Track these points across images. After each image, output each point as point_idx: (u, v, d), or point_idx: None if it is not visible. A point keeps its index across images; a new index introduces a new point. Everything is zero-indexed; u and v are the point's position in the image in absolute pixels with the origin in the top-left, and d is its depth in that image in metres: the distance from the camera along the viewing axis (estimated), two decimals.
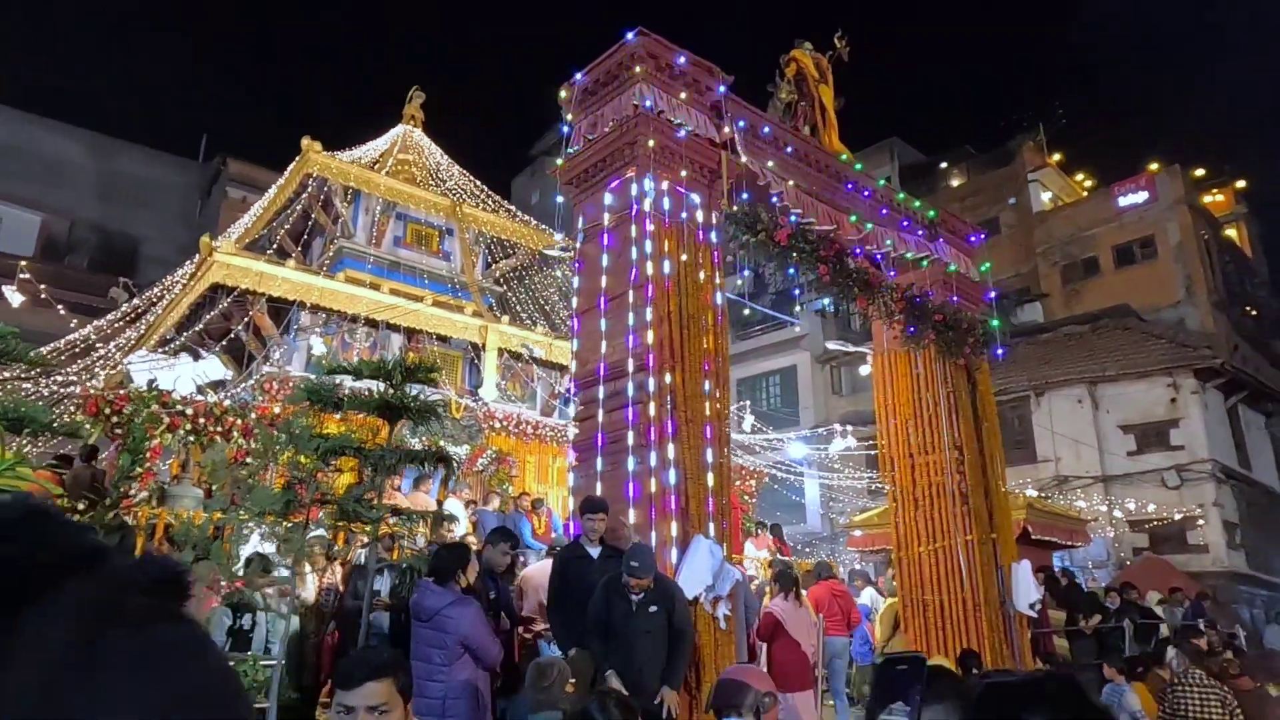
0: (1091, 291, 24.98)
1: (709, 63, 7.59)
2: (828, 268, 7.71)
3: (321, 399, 4.62)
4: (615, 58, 7.25)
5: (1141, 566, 16.70)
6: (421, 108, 18.34)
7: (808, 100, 9.22)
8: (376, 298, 12.61)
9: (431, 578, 4.32)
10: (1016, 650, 8.94)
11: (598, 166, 7.25)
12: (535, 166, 38.43)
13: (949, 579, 9.00)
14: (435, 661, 4.12)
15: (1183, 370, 18.30)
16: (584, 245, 7.26)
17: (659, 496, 6.12)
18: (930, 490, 9.34)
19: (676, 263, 6.78)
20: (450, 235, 16.59)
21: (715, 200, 7.30)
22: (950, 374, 9.63)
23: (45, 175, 27.64)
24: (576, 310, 7.20)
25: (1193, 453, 18.08)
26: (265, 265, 12.15)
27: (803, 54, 9.34)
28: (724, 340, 7.04)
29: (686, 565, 5.99)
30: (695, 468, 6.36)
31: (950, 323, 9.24)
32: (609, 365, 6.62)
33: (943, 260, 9.73)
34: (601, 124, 7.31)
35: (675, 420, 6.36)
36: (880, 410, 9.91)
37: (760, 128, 7.98)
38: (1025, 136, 29.83)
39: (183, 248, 29.74)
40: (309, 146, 14.20)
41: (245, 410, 9.62)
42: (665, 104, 7.14)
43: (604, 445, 6.46)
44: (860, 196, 8.97)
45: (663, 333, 6.50)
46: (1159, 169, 25.48)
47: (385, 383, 4.88)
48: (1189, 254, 23.67)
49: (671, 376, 6.45)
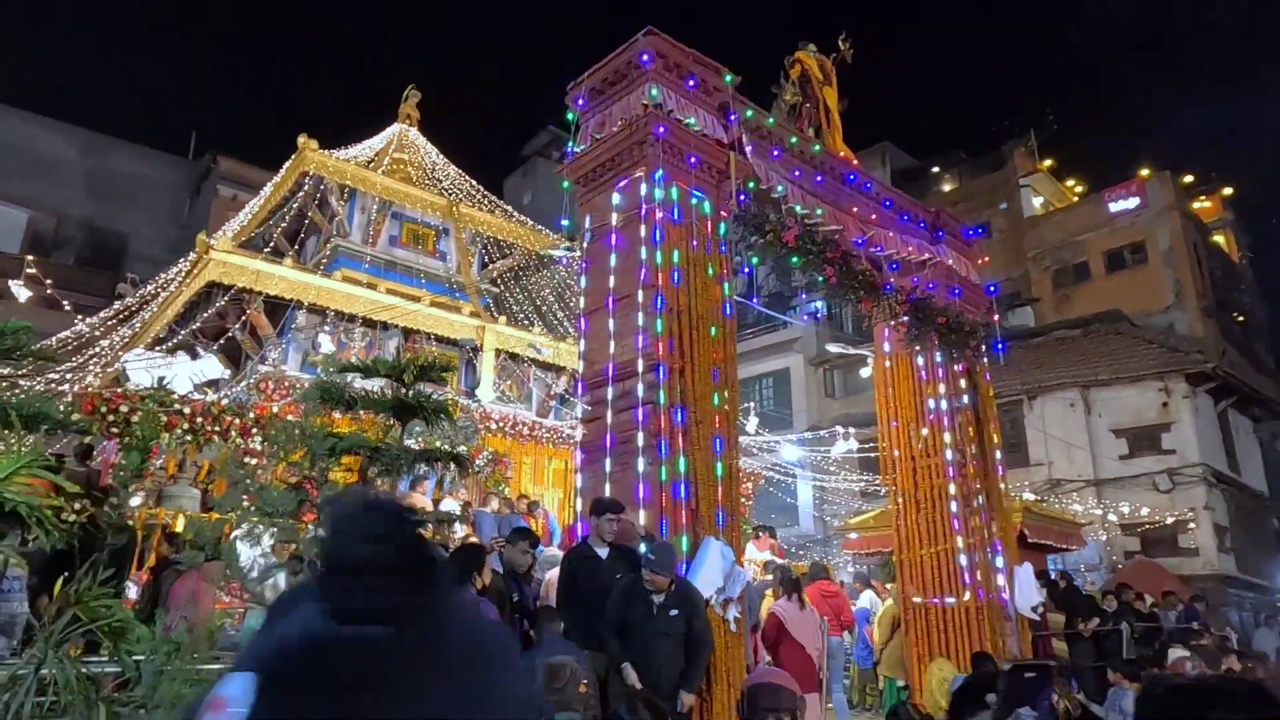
0: (1082, 296, 25.14)
1: (716, 63, 7.56)
2: (834, 269, 7.71)
3: (333, 398, 4.55)
4: (624, 57, 7.21)
5: (1133, 569, 16.79)
6: (417, 107, 18.26)
7: (812, 102, 9.22)
8: (375, 297, 12.51)
9: None
10: (1018, 653, 8.96)
11: (606, 166, 7.21)
12: (528, 167, 38.30)
13: (951, 581, 9.00)
14: None
15: (1174, 375, 18.44)
16: (591, 245, 7.22)
17: (669, 497, 6.08)
18: (932, 493, 9.34)
19: (685, 262, 6.75)
20: (446, 235, 16.50)
21: (723, 200, 7.28)
22: (952, 376, 9.66)
23: (33, 171, 27.30)
24: (584, 310, 7.15)
25: (1184, 457, 18.22)
26: (262, 263, 12.04)
27: (807, 55, 9.34)
28: (732, 340, 7.01)
29: (697, 567, 5.95)
30: (705, 469, 6.33)
31: (953, 325, 9.26)
32: (618, 365, 6.57)
33: (944, 261, 9.75)
34: (610, 123, 7.27)
35: (685, 421, 6.33)
36: (882, 413, 9.90)
37: (766, 128, 7.96)
38: (1017, 142, 30.01)
39: (172, 245, 29.45)
40: (305, 144, 14.09)
41: (243, 410, 9.51)
42: (674, 103, 7.11)
43: (613, 446, 6.41)
44: (862, 193, 8.97)
45: (672, 333, 6.47)
46: (1150, 175, 25.69)
47: (397, 382, 4.81)
48: (1179, 260, 23.87)
49: (681, 377, 6.42)
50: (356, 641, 0.49)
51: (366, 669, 0.49)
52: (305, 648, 0.49)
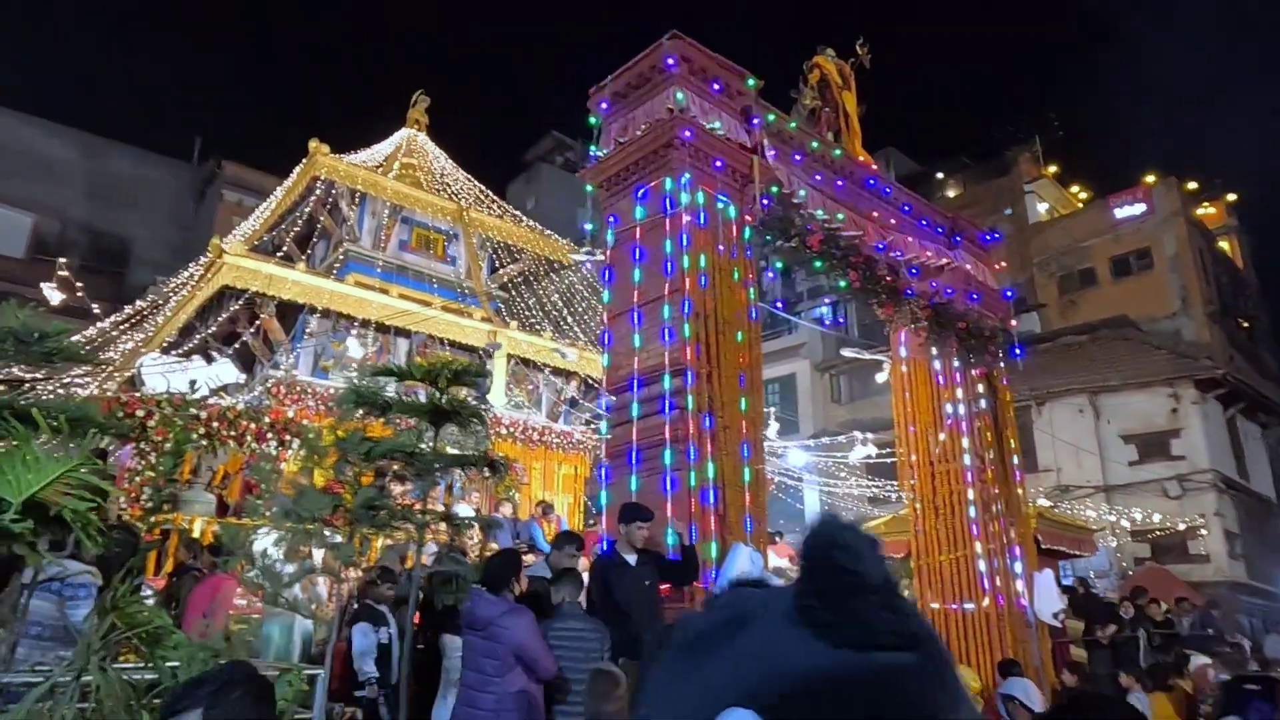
0: (1088, 302, 25.14)
1: (739, 67, 7.55)
2: (858, 274, 7.68)
3: (368, 402, 4.51)
4: (648, 60, 7.20)
5: (1144, 576, 16.72)
6: (426, 112, 18.25)
7: (831, 107, 9.20)
8: (388, 302, 12.47)
9: (484, 586, 4.21)
10: (1039, 661, 8.91)
11: (630, 169, 7.18)
12: (531, 173, 38.34)
13: (970, 587, 8.95)
14: (487, 672, 4.01)
15: (1184, 381, 18.41)
16: (615, 249, 7.18)
17: (698, 503, 6.04)
18: (950, 498, 9.29)
19: (711, 266, 6.72)
20: (455, 240, 16.47)
21: (746, 204, 7.25)
22: (970, 381, 9.62)
23: (35, 175, 27.27)
24: (609, 315, 7.11)
25: (1193, 463, 18.18)
26: (275, 268, 11.99)
27: (825, 60, 9.33)
28: (758, 345, 6.98)
29: (726, 573, 5.91)
30: (733, 474, 6.29)
31: (973, 330, 9.23)
32: (644, 370, 6.54)
33: (962, 266, 9.73)
34: (633, 127, 7.25)
35: (713, 426, 6.29)
36: (899, 418, 9.85)
37: (788, 133, 7.95)
38: (1021, 148, 30.03)
39: (175, 250, 29.41)
40: (317, 149, 14.06)
41: (259, 414, 9.46)
42: (698, 107, 7.09)
43: (639, 451, 6.37)
44: (881, 198, 8.95)
45: (699, 337, 6.43)
46: (1156, 181, 25.71)
47: (431, 386, 4.77)
48: (1185, 266, 23.88)
49: (708, 381, 6.38)
50: (896, 670, 0.44)
51: (908, 698, 0.44)
52: (830, 678, 0.44)
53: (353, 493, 4.48)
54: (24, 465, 3.09)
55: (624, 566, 5.32)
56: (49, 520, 3.18)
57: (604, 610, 4.88)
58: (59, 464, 3.05)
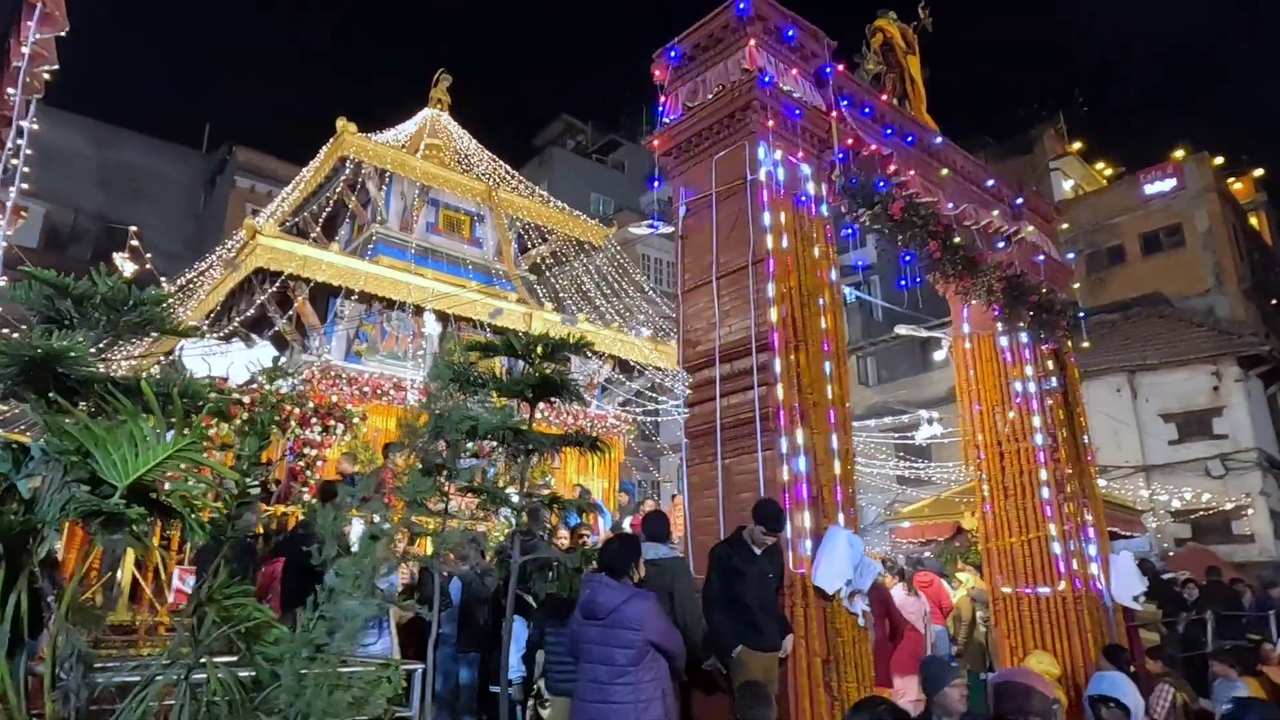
0: (1117, 280, 24.73)
1: (815, 26, 7.15)
2: (938, 243, 7.32)
3: (464, 379, 4.18)
4: (720, 19, 6.80)
5: (1186, 556, 16.44)
6: (448, 91, 17.84)
7: (895, 71, 8.80)
8: (423, 284, 12.11)
9: (605, 572, 3.89)
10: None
11: (702, 135, 6.80)
12: (543, 157, 37.86)
13: (1045, 571, 8.63)
14: (620, 663, 3.70)
15: (1226, 358, 18.02)
16: (689, 218, 6.82)
17: (791, 485, 5.70)
18: (1021, 478, 8.95)
19: (793, 235, 6.36)
20: (482, 221, 16.11)
21: (824, 169, 6.88)
22: (1040, 357, 9.26)
23: (47, 164, 26.90)
24: (683, 289, 6.75)
25: (1237, 441, 17.83)
26: (310, 249, 11.64)
27: (888, 23, 8.92)
28: (841, 315, 6.62)
29: (824, 558, 5.59)
30: (824, 452, 5.95)
31: (1044, 304, 8.86)
32: (727, 346, 6.19)
33: (1027, 237, 9.36)
34: (704, 90, 6.85)
35: (802, 402, 5.95)
36: (963, 396, 9.49)
37: (862, 97, 7.56)
38: (1045, 125, 29.53)
39: (188, 239, 29.11)
40: (344, 128, 13.67)
41: (303, 399, 9.15)
42: (773, 68, 6.71)
43: (724, 432, 6.04)
44: (950, 162, 8.56)
45: (785, 311, 6.08)
46: (1186, 156, 25.23)
47: (525, 361, 4.44)
48: (1219, 242, 23.44)
49: (795, 357, 6.03)
50: None
51: None
52: None
53: (452, 477, 4.15)
54: (130, 445, 2.78)
55: (753, 559, 5.02)
56: (153, 506, 2.87)
57: (722, 599, 4.58)
58: (165, 445, 2.74)
